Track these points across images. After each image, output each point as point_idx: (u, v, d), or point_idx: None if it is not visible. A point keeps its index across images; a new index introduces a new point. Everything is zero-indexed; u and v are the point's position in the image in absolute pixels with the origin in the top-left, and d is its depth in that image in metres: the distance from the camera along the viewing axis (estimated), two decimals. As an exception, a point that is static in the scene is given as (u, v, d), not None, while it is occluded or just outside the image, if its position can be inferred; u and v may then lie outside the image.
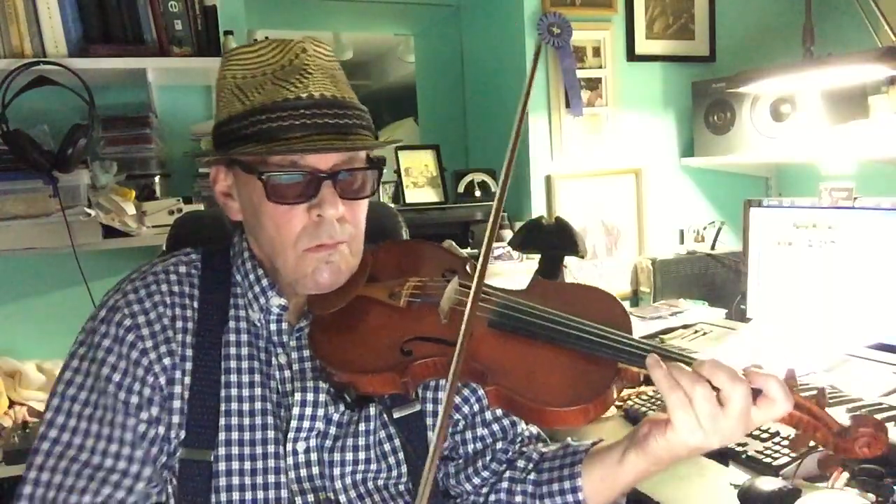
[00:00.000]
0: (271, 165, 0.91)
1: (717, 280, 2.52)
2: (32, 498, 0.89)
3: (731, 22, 2.67)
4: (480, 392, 1.07)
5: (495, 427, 1.07)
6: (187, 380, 0.95)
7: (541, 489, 0.99)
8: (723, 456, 1.45)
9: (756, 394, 0.81)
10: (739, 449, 1.43)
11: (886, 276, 1.76)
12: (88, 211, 1.83)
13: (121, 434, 0.92)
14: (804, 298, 1.96)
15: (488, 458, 1.04)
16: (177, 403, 0.95)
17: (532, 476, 1.01)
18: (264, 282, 1.00)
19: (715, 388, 0.80)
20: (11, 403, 1.89)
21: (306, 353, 1.00)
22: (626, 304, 2.56)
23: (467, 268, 1.04)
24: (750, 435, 1.47)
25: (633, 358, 0.86)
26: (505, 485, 1.02)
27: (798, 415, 0.82)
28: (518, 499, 1.00)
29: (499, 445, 1.06)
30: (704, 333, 2.06)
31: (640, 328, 2.11)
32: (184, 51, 1.94)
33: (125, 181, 1.94)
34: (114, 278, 1.07)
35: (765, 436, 1.45)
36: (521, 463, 1.04)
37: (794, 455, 1.31)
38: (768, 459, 1.37)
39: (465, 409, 1.07)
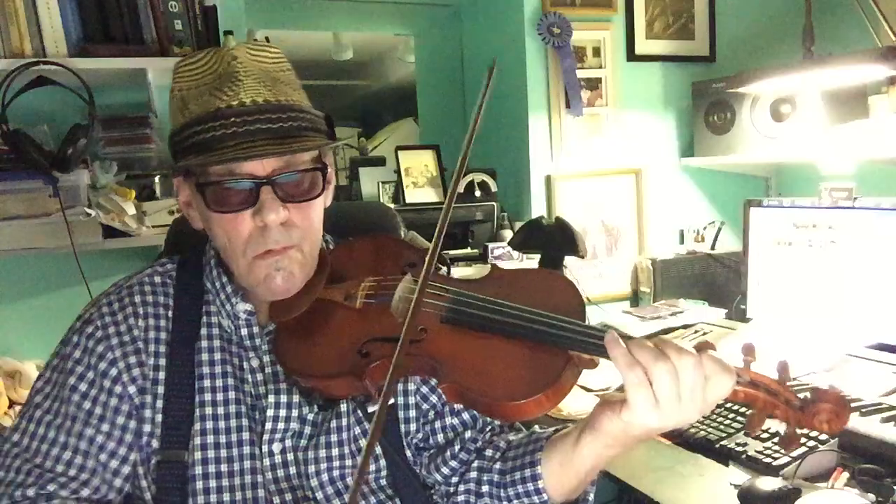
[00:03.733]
0: (210, 175, 0.91)
1: (717, 280, 2.51)
2: None
3: (731, 22, 2.67)
4: None
5: (465, 416, 1.07)
6: (160, 389, 0.98)
7: (504, 478, 0.99)
8: (723, 456, 1.45)
9: None
10: (739, 449, 1.43)
11: (886, 276, 1.76)
12: (88, 211, 1.83)
13: (75, 442, 0.95)
14: (804, 298, 1.96)
15: (457, 448, 1.04)
16: (148, 413, 0.97)
17: (498, 465, 1.01)
18: (229, 288, 1.02)
19: None
20: (11, 403, 1.89)
21: None
22: (626, 304, 2.57)
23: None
24: (750, 435, 1.47)
25: (584, 346, 0.86)
26: (473, 474, 1.02)
27: (753, 392, 0.81)
28: (485, 488, 1.00)
29: (468, 434, 1.05)
30: (704, 333, 2.06)
31: (640, 328, 2.11)
32: (184, 51, 1.94)
33: (125, 181, 1.94)
34: (114, 278, 1.08)
35: (765, 436, 1.45)
36: (488, 452, 1.03)
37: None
38: (768, 459, 1.37)
39: (434, 398, 1.06)
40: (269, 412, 0.98)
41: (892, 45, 1.94)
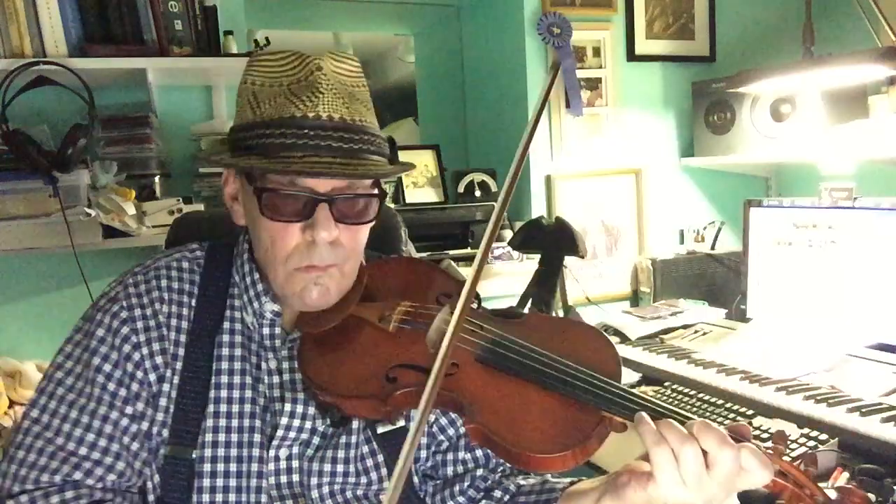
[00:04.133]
0: (270, 181, 0.90)
1: (717, 280, 2.51)
2: (6, 475, 0.91)
3: (731, 22, 2.67)
4: None
5: (478, 453, 1.06)
6: (176, 379, 0.97)
7: None
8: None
9: None
10: (739, 449, 1.43)
11: (886, 276, 1.76)
12: (88, 211, 1.83)
13: (100, 425, 0.94)
14: (804, 298, 1.96)
15: (466, 484, 1.03)
16: (163, 401, 0.96)
17: None
18: (259, 286, 1.01)
19: (703, 450, 0.78)
20: (11, 403, 1.89)
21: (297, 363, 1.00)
22: (626, 304, 2.57)
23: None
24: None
25: (619, 409, 0.84)
26: None
27: (782, 483, 0.79)
28: None
29: (479, 472, 1.05)
30: (704, 333, 2.06)
31: (640, 328, 2.11)
32: (184, 51, 1.94)
33: (125, 181, 1.94)
34: (113, 278, 1.07)
35: (765, 436, 1.45)
36: (497, 493, 1.02)
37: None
38: (768, 459, 1.37)
39: (451, 431, 1.06)
40: (283, 420, 0.97)
41: (892, 45, 1.94)
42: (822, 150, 2.12)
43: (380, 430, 1.01)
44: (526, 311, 1.02)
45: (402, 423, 1.02)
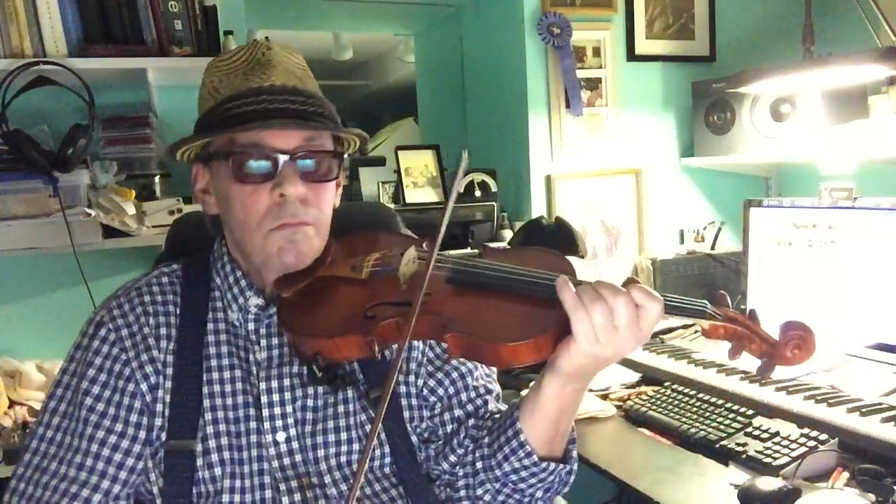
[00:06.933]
0: (236, 146, 0.96)
1: (717, 280, 2.51)
2: None
3: (731, 22, 2.67)
4: (455, 374, 1.11)
5: (469, 407, 1.10)
6: (169, 384, 1.01)
7: (493, 447, 1.02)
8: (723, 456, 1.45)
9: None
10: (739, 449, 1.43)
11: (886, 276, 1.76)
12: (88, 211, 1.83)
13: (98, 448, 0.97)
14: (804, 298, 1.96)
15: (462, 436, 1.08)
16: (159, 407, 1.00)
17: (486, 439, 1.04)
18: (243, 282, 1.06)
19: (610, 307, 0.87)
20: (11, 403, 1.89)
21: (275, 340, 1.05)
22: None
23: (424, 245, 1.10)
24: (750, 435, 1.47)
25: None
26: (469, 457, 1.06)
27: (732, 327, 0.94)
28: (479, 464, 1.03)
29: (471, 422, 1.09)
30: (704, 333, 2.06)
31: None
32: (184, 51, 1.94)
33: (125, 181, 1.94)
34: (114, 278, 1.09)
35: (765, 436, 1.46)
36: (480, 433, 1.08)
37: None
38: (768, 459, 1.37)
39: (441, 391, 1.10)
40: (263, 398, 1.01)
41: (892, 45, 1.94)
42: (822, 150, 2.11)
43: (373, 395, 1.05)
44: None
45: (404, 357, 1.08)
